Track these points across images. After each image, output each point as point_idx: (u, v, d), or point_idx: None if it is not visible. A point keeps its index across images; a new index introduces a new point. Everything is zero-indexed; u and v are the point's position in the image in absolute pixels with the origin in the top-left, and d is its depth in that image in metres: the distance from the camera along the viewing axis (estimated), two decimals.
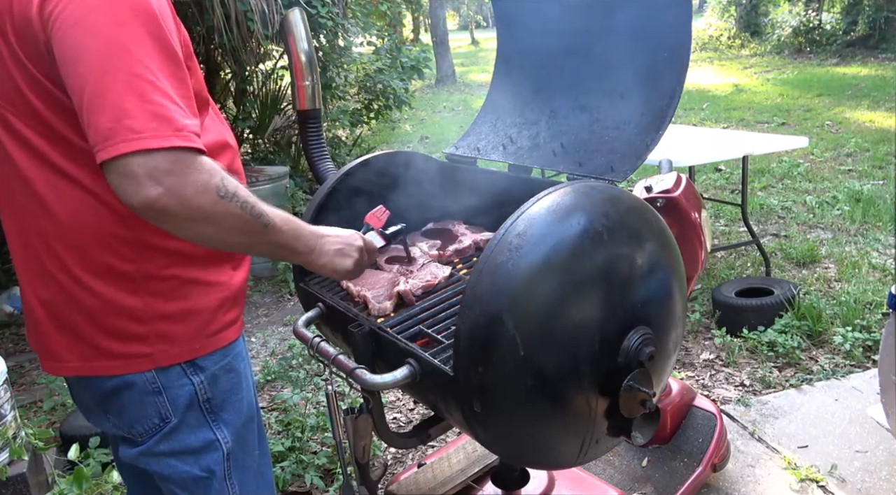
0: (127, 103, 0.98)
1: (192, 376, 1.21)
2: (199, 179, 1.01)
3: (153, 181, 0.97)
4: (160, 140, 0.98)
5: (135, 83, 0.99)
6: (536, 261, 1.07)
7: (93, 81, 0.98)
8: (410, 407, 2.96)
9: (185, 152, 1.00)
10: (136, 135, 0.97)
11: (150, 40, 1.02)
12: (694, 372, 3.10)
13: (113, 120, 0.97)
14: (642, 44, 1.46)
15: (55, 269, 1.15)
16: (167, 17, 1.08)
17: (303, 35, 1.61)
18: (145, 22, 1.03)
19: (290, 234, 1.15)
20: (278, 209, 1.14)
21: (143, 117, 0.98)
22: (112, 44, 1.00)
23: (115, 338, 1.17)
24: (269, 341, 3.74)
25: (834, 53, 13.95)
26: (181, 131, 1.00)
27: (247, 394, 1.30)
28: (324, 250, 1.23)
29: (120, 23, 1.01)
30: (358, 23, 6.24)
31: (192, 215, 1.01)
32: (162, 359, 1.19)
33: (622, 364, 1.16)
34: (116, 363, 1.18)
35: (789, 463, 2.40)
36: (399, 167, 1.68)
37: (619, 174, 1.38)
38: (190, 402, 1.21)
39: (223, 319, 1.25)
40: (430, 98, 14.40)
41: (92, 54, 0.99)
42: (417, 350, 1.22)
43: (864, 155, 6.48)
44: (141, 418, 1.21)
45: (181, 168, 0.99)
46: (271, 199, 4.52)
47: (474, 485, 2.00)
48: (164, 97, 1.01)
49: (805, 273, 4.00)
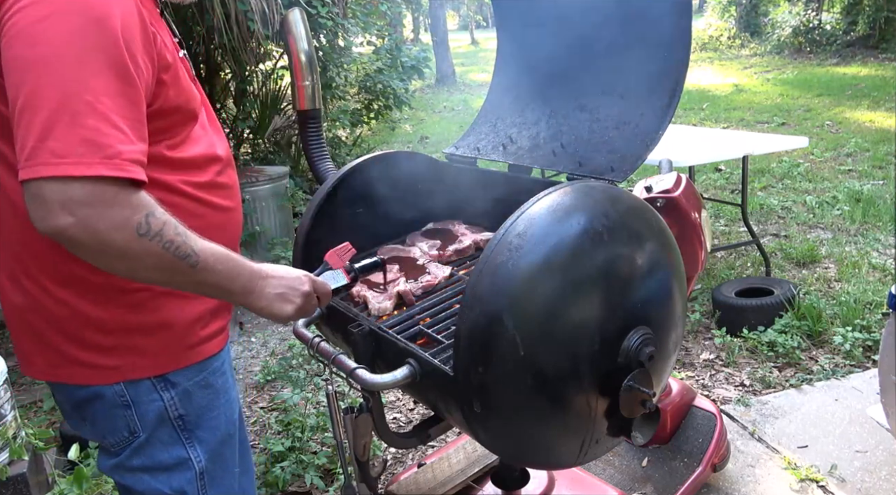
0: (56, 123, 0.91)
1: (163, 391, 1.17)
2: (116, 215, 0.94)
3: (65, 211, 0.92)
4: (82, 167, 0.91)
5: (70, 102, 0.92)
6: (536, 261, 1.07)
7: (26, 95, 0.93)
8: (410, 407, 2.96)
9: (110, 183, 0.94)
10: (57, 160, 0.91)
11: (98, 55, 0.95)
12: (694, 372, 3.10)
13: (38, 139, 0.91)
14: (642, 44, 1.45)
15: (22, 275, 1.12)
16: (131, 30, 1.00)
17: (303, 35, 1.62)
18: (98, 35, 0.96)
19: (225, 275, 1.08)
20: (220, 247, 1.08)
21: (69, 140, 0.91)
22: (53, 57, 0.93)
23: (83, 347, 1.13)
24: (269, 341, 3.74)
25: (834, 53, 13.95)
26: (112, 159, 0.93)
27: (225, 411, 1.26)
28: (263, 293, 1.14)
29: (68, 34, 0.94)
30: (358, 23, 6.24)
31: (105, 250, 0.96)
32: (130, 372, 1.15)
33: (622, 364, 1.16)
34: (84, 372, 1.15)
35: (789, 463, 2.40)
36: (399, 167, 1.68)
37: (619, 174, 1.38)
38: (160, 418, 1.17)
39: (200, 333, 1.20)
40: (430, 98, 14.40)
41: (30, 66, 0.93)
42: (417, 350, 1.22)
43: (864, 155, 6.48)
44: (112, 430, 1.18)
45: (99, 200, 0.93)
46: (271, 199, 4.54)
47: (474, 485, 2.00)
48: (101, 120, 0.93)
49: (805, 273, 4.00)
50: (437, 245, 1.63)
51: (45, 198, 0.92)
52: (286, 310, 1.17)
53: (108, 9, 0.98)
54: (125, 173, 0.94)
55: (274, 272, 1.17)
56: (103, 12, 0.97)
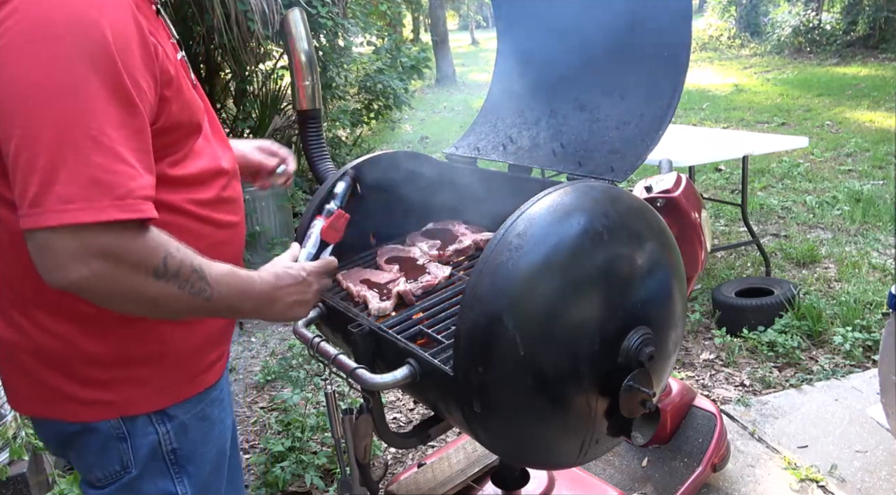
0: (60, 164, 0.83)
1: (158, 425, 1.10)
2: (134, 261, 0.88)
3: (79, 262, 0.84)
4: (93, 212, 0.83)
5: (71, 138, 0.83)
6: (536, 261, 1.07)
7: (21, 135, 0.83)
8: (410, 407, 2.96)
9: (125, 227, 0.86)
10: (64, 206, 0.82)
11: (97, 81, 0.85)
12: (694, 372, 3.10)
13: (41, 184, 0.82)
14: (642, 44, 1.45)
15: (9, 306, 1.05)
16: (128, 46, 0.90)
17: (303, 35, 1.61)
18: (94, 57, 0.86)
19: (236, 299, 1.04)
20: (228, 271, 1.02)
21: (77, 182, 0.83)
22: (45, 88, 0.83)
23: (77, 382, 1.05)
24: (269, 341, 3.74)
25: (834, 53, 13.95)
26: (123, 200, 0.85)
27: (217, 443, 1.20)
28: (274, 309, 1.11)
29: (61, 59, 0.84)
30: (358, 23, 6.24)
31: (121, 297, 0.91)
32: (128, 407, 1.07)
33: (622, 364, 1.16)
34: (78, 408, 1.07)
35: (789, 463, 2.40)
36: (399, 167, 1.68)
37: (619, 174, 1.38)
38: (153, 453, 1.10)
39: (203, 361, 1.15)
40: (430, 98, 14.40)
41: (20, 101, 0.83)
42: (417, 350, 1.22)
43: (864, 155, 6.48)
44: (101, 463, 1.10)
45: (114, 248, 0.86)
46: (271, 199, 4.54)
47: (474, 485, 2.00)
48: (108, 155, 0.85)
49: (805, 273, 4.00)
50: (437, 245, 1.63)
51: (55, 249, 0.84)
52: (300, 314, 1.17)
53: (99, 26, 0.87)
54: (138, 214, 0.87)
55: (279, 281, 1.12)
56: (96, 32, 0.87)
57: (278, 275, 1.13)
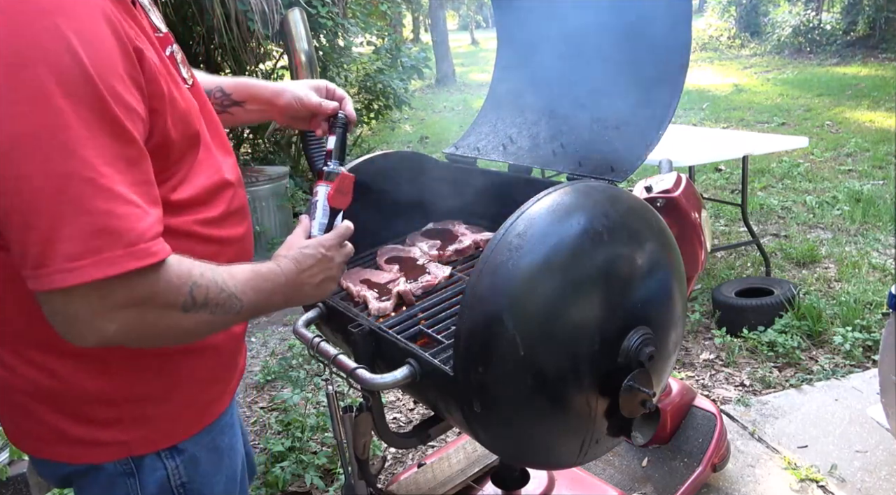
0: (58, 217, 0.74)
1: (168, 460, 1.03)
2: (160, 305, 0.82)
3: (104, 319, 0.79)
4: (106, 266, 0.76)
5: (67, 185, 0.74)
6: (536, 261, 1.07)
7: (8, 189, 0.74)
8: (410, 407, 2.96)
9: (143, 273, 0.79)
10: (73, 264, 0.75)
11: (79, 112, 0.75)
12: (694, 372, 3.10)
13: (42, 241, 0.74)
14: (642, 44, 1.45)
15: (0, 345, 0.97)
16: (107, 59, 0.78)
17: (303, 35, 1.61)
18: (69, 83, 0.75)
19: (265, 299, 0.99)
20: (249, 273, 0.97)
21: (81, 236, 0.75)
22: (25, 134, 0.73)
23: (80, 422, 0.97)
24: (269, 341, 3.74)
25: (834, 53, 13.95)
26: (135, 246, 0.78)
27: (228, 470, 1.14)
28: (302, 292, 1.07)
29: (34, 94, 0.73)
30: (358, 23, 6.25)
31: (154, 339, 0.87)
32: (137, 447, 1.00)
33: (622, 364, 1.16)
34: (83, 450, 0.99)
35: (789, 463, 2.40)
36: (399, 167, 1.68)
37: (619, 174, 1.38)
38: (161, 488, 1.03)
39: (213, 390, 1.09)
40: (430, 98, 14.41)
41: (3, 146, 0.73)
42: (417, 350, 1.22)
43: (864, 155, 6.48)
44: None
45: (138, 296, 0.80)
46: (271, 199, 4.55)
47: (474, 485, 2.00)
48: (109, 198, 0.76)
49: (805, 273, 4.00)
50: (437, 245, 1.63)
51: (75, 313, 0.78)
52: (329, 289, 1.13)
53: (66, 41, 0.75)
54: (153, 258, 0.80)
55: (301, 265, 1.07)
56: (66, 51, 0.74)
57: (298, 261, 1.07)
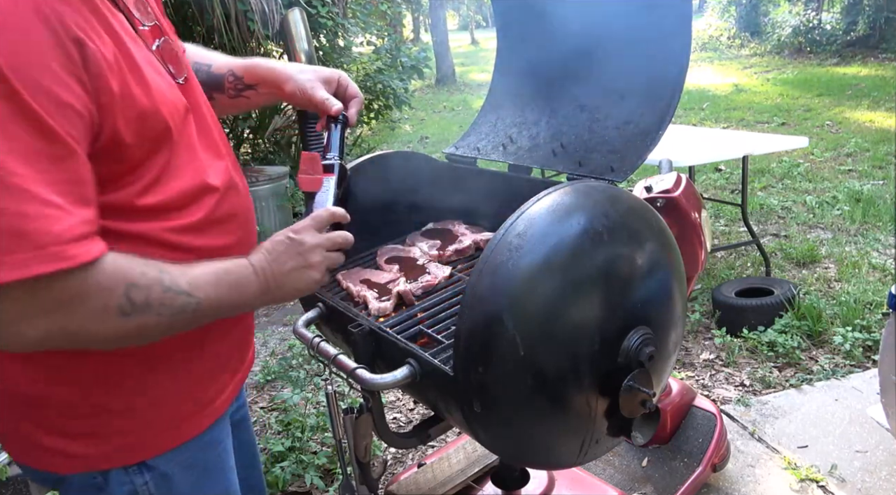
0: None
1: (135, 476, 0.97)
2: (92, 306, 0.76)
3: (23, 325, 0.74)
4: (11, 269, 0.70)
5: None
6: (536, 261, 1.07)
7: None
8: (410, 407, 2.96)
9: (63, 277, 0.73)
10: None
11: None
12: (694, 372, 3.10)
13: None
14: (642, 44, 1.45)
15: None
16: (29, 51, 0.72)
17: (303, 35, 1.61)
18: None
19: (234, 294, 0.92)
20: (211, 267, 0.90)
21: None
22: None
23: (50, 433, 0.94)
24: (269, 341, 3.74)
25: (834, 53, 13.95)
26: (45, 249, 0.71)
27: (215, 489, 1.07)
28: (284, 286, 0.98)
29: None
30: (358, 23, 6.25)
31: (93, 343, 0.82)
32: (100, 462, 0.95)
33: (622, 364, 1.16)
34: (50, 460, 0.96)
35: (789, 463, 2.40)
36: (399, 167, 1.68)
37: (619, 174, 1.38)
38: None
39: (189, 406, 1.01)
40: (430, 98, 14.41)
41: None
42: (417, 350, 1.22)
43: (864, 155, 6.48)
44: None
45: (60, 300, 0.74)
46: (271, 199, 4.55)
47: (474, 485, 2.00)
48: (20, 198, 0.70)
49: (805, 273, 4.00)
50: (437, 245, 1.63)
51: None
52: (310, 280, 1.03)
53: None
54: (68, 262, 0.73)
55: (270, 253, 0.99)
56: None
57: (268, 249, 0.99)
